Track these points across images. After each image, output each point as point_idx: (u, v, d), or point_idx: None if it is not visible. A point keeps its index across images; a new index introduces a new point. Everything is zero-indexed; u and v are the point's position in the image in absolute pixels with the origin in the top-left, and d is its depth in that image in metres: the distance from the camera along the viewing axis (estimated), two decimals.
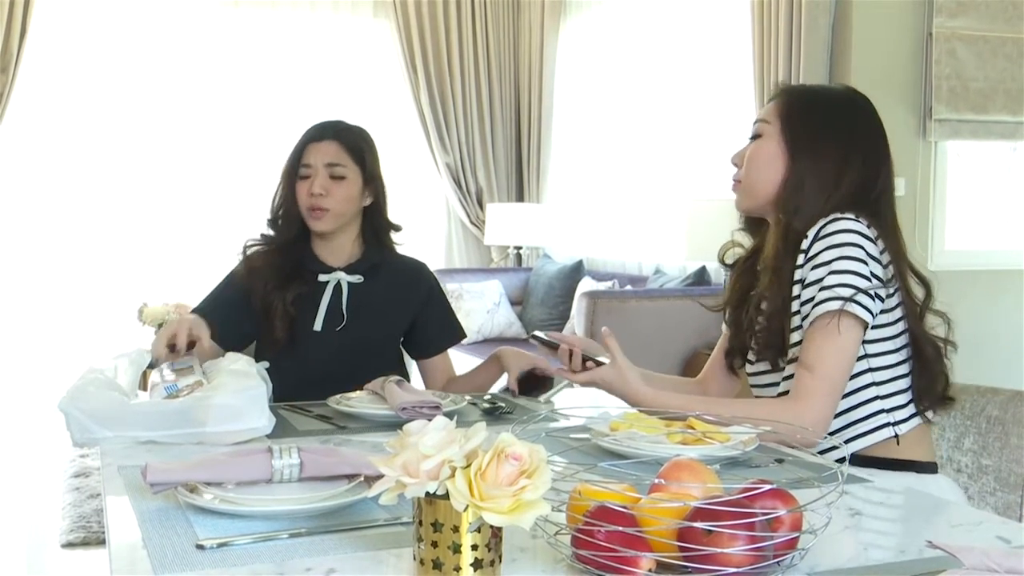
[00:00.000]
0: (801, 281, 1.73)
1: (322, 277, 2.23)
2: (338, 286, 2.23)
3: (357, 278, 2.24)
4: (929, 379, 1.75)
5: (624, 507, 1.02)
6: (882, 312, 1.72)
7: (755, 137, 1.86)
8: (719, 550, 0.97)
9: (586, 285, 5.37)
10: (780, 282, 1.77)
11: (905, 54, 4.32)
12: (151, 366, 1.82)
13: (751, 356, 1.89)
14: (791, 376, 1.74)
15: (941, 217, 4.49)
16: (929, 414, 1.77)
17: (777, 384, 1.80)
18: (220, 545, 1.12)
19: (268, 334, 2.18)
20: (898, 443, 1.73)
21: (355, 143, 2.25)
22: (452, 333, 2.37)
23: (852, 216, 1.72)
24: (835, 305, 1.66)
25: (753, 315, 1.85)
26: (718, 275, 4.59)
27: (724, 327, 2.02)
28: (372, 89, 6.72)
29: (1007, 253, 4.60)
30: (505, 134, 6.94)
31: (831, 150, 1.78)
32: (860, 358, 1.73)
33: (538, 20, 6.72)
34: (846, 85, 1.94)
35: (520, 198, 6.98)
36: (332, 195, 2.20)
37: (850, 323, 1.66)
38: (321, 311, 2.20)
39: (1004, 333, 4.41)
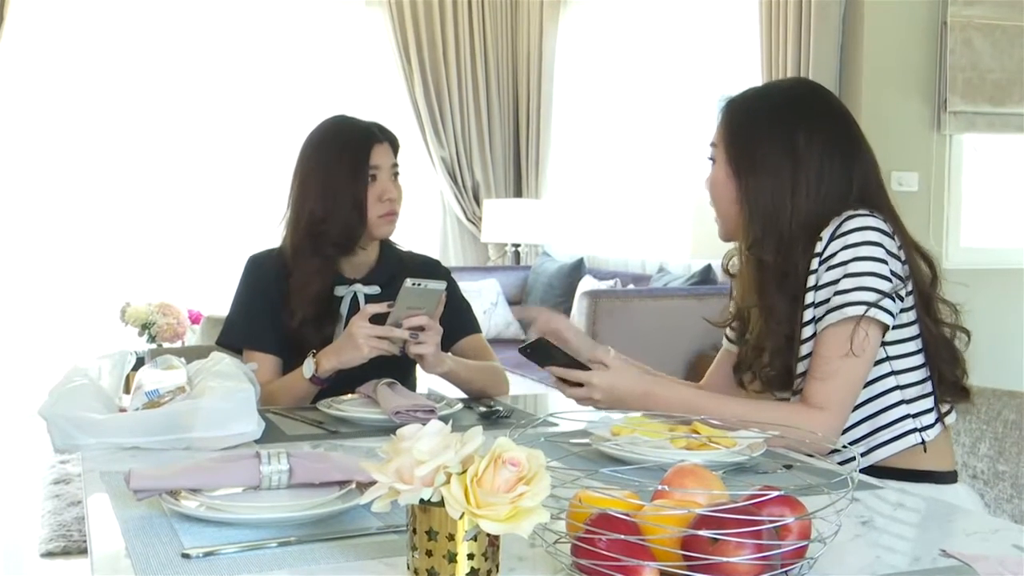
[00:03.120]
0: (815, 286, 1.66)
1: (339, 291, 2.17)
2: (354, 298, 2.18)
3: (374, 289, 2.19)
4: (941, 371, 1.69)
5: (626, 515, 1.00)
6: (902, 311, 1.66)
7: (713, 162, 1.79)
8: (725, 559, 0.95)
9: (587, 284, 5.35)
10: (776, 320, 1.69)
11: (919, 44, 4.29)
12: (136, 368, 1.79)
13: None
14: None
15: (956, 213, 4.46)
16: (949, 418, 1.72)
17: (792, 393, 1.75)
18: (206, 554, 1.10)
19: (293, 355, 2.12)
20: (925, 450, 1.67)
21: (398, 145, 2.22)
22: (463, 326, 2.27)
23: (867, 212, 1.65)
24: (852, 311, 1.59)
25: (752, 357, 1.76)
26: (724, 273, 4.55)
27: (725, 340, 1.94)
28: (364, 80, 6.66)
29: None
30: (503, 127, 6.90)
31: (774, 158, 1.68)
32: (882, 361, 1.67)
33: (537, 7, 6.69)
34: (793, 78, 1.86)
35: (518, 193, 6.95)
36: (397, 199, 2.16)
37: (868, 329, 1.60)
38: (340, 327, 2.13)
39: (1023, 334, 4.36)
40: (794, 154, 1.68)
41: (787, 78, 1.90)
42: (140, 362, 1.88)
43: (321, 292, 2.13)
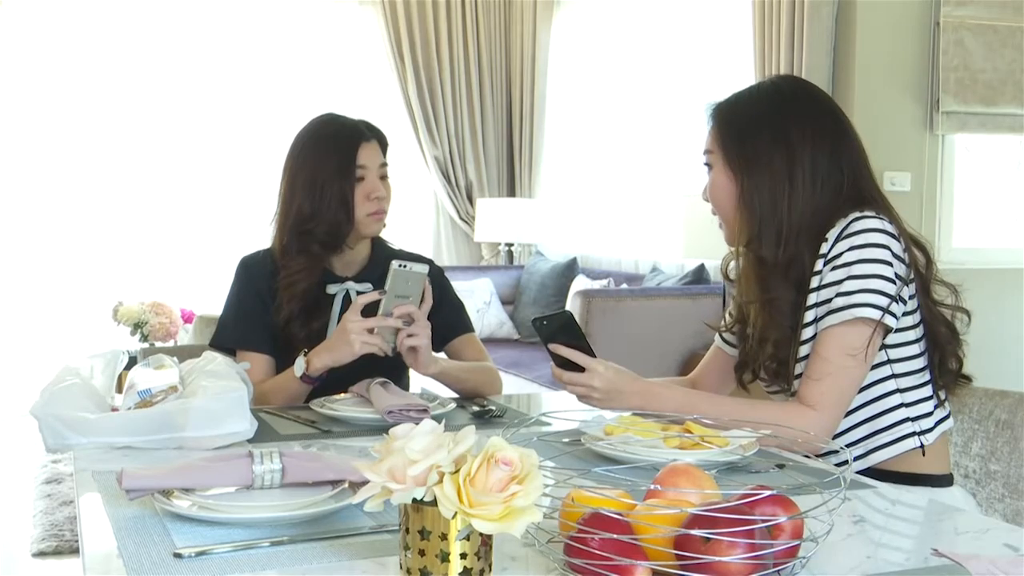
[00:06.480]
0: (819, 286, 1.66)
1: (330, 288, 2.17)
2: (347, 296, 2.18)
3: (366, 286, 2.18)
4: (942, 355, 1.69)
5: (619, 514, 0.99)
6: (905, 314, 1.66)
7: (710, 168, 1.80)
8: (717, 558, 0.95)
9: (580, 284, 5.35)
10: (778, 313, 1.70)
11: (911, 44, 4.29)
12: (129, 367, 1.79)
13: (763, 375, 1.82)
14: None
15: (948, 213, 4.46)
16: (947, 423, 1.71)
17: (790, 393, 1.75)
18: (198, 554, 1.10)
19: (281, 353, 2.12)
20: (924, 454, 1.68)
21: (386, 143, 2.21)
22: (455, 326, 2.27)
23: (873, 214, 1.65)
24: (858, 312, 1.59)
25: (756, 350, 1.76)
26: (717, 274, 4.55)
27: (717, 338, 1.94)
28: (357, 79, 6.62)
29: (1017, 251, 4.55)
30: (496, 126, 6.88)
31: (769, 155, 1.70)
32: (882, 364, 1.67)
33: (530, 7, 6.67)
34: (776, 76, 1.87)
35: (511, 193, 6.94)
36: (385, 198, 2.16)
37: (869, 331, 1.60)
38: (332, 324, 2.13)
39: (1015, 334, 4.36)
40: (787, 149, 1.70)
41: (770, 77, 1.92)
42: (132, 361, 1.87)
43: (308, 289, 2.12)
